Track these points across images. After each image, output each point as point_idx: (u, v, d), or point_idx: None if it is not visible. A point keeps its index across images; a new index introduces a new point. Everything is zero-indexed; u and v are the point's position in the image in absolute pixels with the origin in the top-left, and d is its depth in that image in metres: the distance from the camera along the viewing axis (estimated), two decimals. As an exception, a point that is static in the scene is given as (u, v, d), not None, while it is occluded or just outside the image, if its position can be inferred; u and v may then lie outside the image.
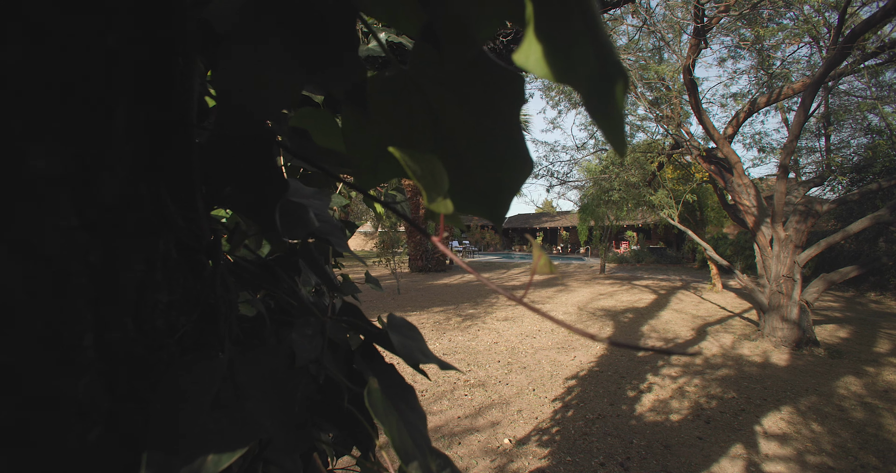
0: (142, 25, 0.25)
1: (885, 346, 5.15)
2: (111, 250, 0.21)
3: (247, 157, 0.26)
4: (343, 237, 0.39)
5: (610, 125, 0.18)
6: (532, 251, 0.20)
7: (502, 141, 0.27)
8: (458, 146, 0.29)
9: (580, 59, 0.18)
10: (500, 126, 0.26)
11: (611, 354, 4.76)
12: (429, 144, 0.30)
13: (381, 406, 0.25)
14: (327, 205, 0.43)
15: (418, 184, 0.20)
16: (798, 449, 2.68)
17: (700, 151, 6.31)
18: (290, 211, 0.31)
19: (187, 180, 0.28)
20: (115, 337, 0.22)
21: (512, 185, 0.28)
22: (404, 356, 0.31)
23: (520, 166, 0.27)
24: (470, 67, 0.24)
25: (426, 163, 0.21)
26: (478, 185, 0.30)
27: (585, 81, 0.18)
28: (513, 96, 0.24)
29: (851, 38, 4.01)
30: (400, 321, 0.35)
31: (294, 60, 0.27)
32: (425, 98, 0.28)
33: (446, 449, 2.63)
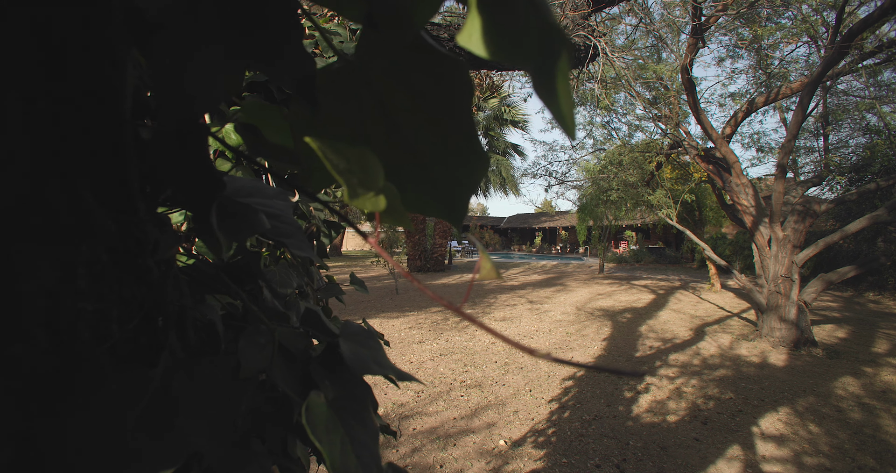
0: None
1: (883, 346, 5.13)
2: (5, 256, 0.19)
3: (180, 154, 0.25)
4: (303, 240, 0.37)
5: (557, 104, 0.16)
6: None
7: (456, 136, 0.25)
8: (412, 142, 0.27)
9: (525, 37, 0.16)
10: (453, 119, 0.24)
11: (609, 354, 4.75)
12: (382, 140, 0.28)
13: (322, 423, 0.24)
14: (290, 206, 0.41)
15: (339, 178, 0.18)
16: (795, 450, 2.66)
17: (698, 150, 6.30)
18: (235, 212, 0.29)
19: (121, 179, 0.27)
20: (19, 351, 0.20)
21: (469, 182, 0.26)
22: (355, 366, 0.29)
23: (475, 162, 0.25)
24: (411, 52, 0.22)
25: (355, 156, 0.19)
26: (434, 183, 0.28)
27: (532, 60, 0.16)
28: (460, 85, 0.22)
29: (849, 37, 4.00)
30: (356, 329, 0.33)
31: (231, 48, 0.25)
32: (375, 90, 0.26)
33: (441, 451, 2.61)
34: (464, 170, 0.26)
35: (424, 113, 0.25)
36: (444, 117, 0.24)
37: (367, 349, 0.31)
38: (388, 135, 0.28)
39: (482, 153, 0.25)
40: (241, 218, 0.30)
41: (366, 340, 0.32)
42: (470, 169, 0.25)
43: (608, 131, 8.64)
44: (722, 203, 6.63)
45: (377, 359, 0.30)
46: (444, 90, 0.23)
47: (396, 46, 0.22)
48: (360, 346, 0.31)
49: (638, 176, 8.46)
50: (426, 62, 0.23)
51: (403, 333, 5.67)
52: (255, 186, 0.39)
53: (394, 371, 0.30)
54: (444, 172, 0.27)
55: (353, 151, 0.20)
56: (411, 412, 3.19)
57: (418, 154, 0.27)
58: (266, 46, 0.25)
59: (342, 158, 0.19)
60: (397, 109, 0.26)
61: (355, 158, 0.19)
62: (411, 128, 0.26)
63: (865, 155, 7.82)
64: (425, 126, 0.26)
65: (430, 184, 0.28)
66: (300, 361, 0.33)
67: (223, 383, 0.28)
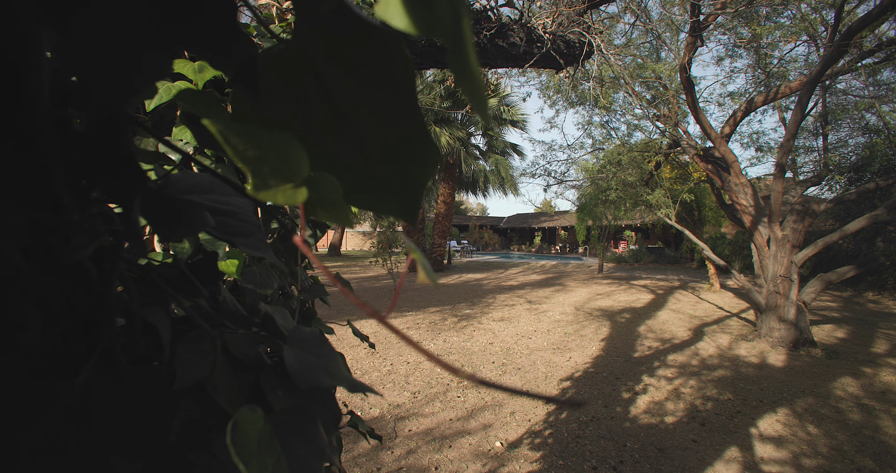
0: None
1: (883, 346, 5.11)
2: None
3: (96, 144, 0.22)
4: (260, 240, 0.34)
5: (472, 78, 0.14)
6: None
7: (403, 124, 0.22)
8: (360, 132, 0.24)
9: (438, 5, 0.14)
10: (398, 106, 0.22)
11: (607, 355, 4.72)
12: (329, 130, 0.25)
13: (252, 443, 0.21)
14: (251, 204, 0.38)
15: (243, 167, 0.16)
16: (794, 452, 2.64)
17: (697, 150, 6.28)
18: (172, 209, 0.27)
19: (37, 174, 0.24)
20: None
21: (420, 176, 0.24)
22: (299, 377, 0.26)
23: (425, 154, 0.23)
24: (340, 23, 0.19)
25: (271, 143, 0.17)
26: (386, 178, 0.25)
27: (447, 30, 0.14)
28: (396, 61, 0.20)
29: (848, 36, 3.98)
30: (307, 335, 0.30)
31: (157, 27, 0.22)
32: (318, 75, 0.24)
33: (436, 453, 2.59)
34: (415, 164, 0.23)
35: (367, 98, 0.23)
36: (391, 104, 0.22)
37: (317, 357, 0.28)
38: (334, 125, 0.25)
39: (432, 145, 0.22)
40: (178, 215, 0.27)
41: (317, 347, 0.30)
42: (421, 162, 0.23)
43: (607, 131, 8.62)
44: (721, 203, 6.61)
45: (328, 368, 0.28)
46: (380, 68, 0.21)
47: (328, 22, 0.20)
48: (309, 354, 0.28)
49: (637, 176, 8.43)
50: (358, 37, 0.20)
51: (401, 333, 5.64)
52: (213, 182, 0.36)
53: (346, 382, 0.28)
54: (396, 166, 0.24)
55: (268, 136, 0.17)
56: (407, 413, 3.16)
57: (366, 145, 0.25)
58: (196, 25, 0.23)
59: (252, 144, 0.17)
60: (342, 96, 0.24)
61: (270, 145, 0.17)
62: (357, 116, 0.24)
63: (865, 154, 7.80)
64: (370, 114, 0.23)
65: (381, 179, 0.25)
66: (254, 370, 0.31)
67: (156, 395, 0.26)
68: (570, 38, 1.70)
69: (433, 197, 19.63)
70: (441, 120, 12.91)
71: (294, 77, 0.25)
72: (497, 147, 15.42)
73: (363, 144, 0.24)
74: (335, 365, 0.29)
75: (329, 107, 0.24)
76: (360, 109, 0.23)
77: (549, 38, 1.54)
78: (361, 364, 4.30)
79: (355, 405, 3.30)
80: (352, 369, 4.15)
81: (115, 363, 0.30)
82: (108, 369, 0.25)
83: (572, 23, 1.73)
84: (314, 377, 0.27)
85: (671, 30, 6.38)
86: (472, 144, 15.19)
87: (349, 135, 0.25)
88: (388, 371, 4.09)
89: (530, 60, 1.48)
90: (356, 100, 0.23)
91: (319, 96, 0.24)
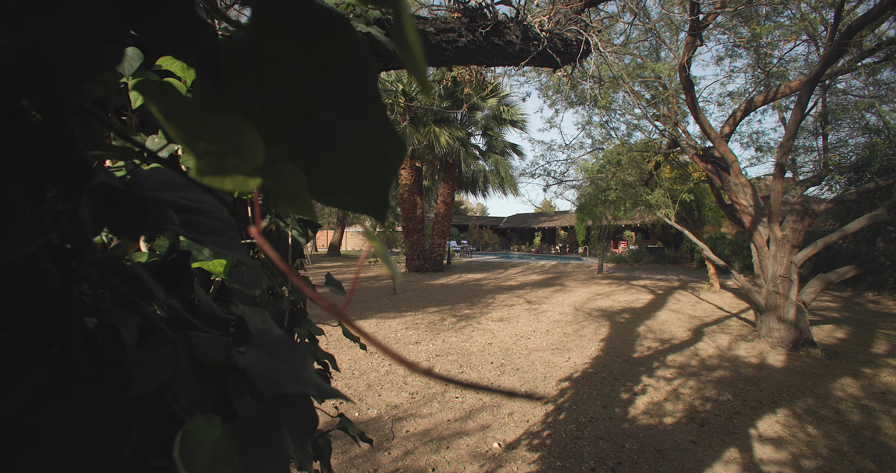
0: None
1: (883, 347, 5.10)
2: None
3: (42, 139, 0.21)
4: (232, 239, 0.33)
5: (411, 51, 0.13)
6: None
7: (366, 117, 0.21)
8: (325, 125, 0.23)
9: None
10: (361, 97, 0.21)
11: (606, 355, 4.71)
12: (295, 123, 0.24)
13: (205, 456, 0.20)
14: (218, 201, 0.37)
15: (186, 149, 0.15)
16: (793, 453, 2.62)
17: (697, 150, 6.26)
18: (131, 206, 0.25)
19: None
20: None
21: (386, 170, 0.22)
22: (263, 383, 0.25)
23: (390, 148, 0.21)
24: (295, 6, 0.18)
25: (219, 125, 0.16)
26: (354, 173, 0.24)
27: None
28: (358, 51, 0.19)
29: (848, 35, 3.96)
30: (275, 338, 0.29)
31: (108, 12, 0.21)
32: (281, 63, 0.22)
33: (433, 454, 2.57)
34: (380, 158, 0.22)
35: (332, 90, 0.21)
36: (354, 95, 0.21)
37: (284, 361, 0.27)
38: (300, 118, 0.24)
39: (397, 137, 0.21)
40: (136, 213, 0.26)
41: (285, 351, 0.28)
42: (385, 156, 0.22)
43: (606, 131, 8.60)
44: (721, 203, 6.60)
45: (295, 373, 0.26)
46: (346, 60, 0.19)
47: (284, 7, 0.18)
48: (275, 358, 0.27)
49: (636, 176, 8.42)
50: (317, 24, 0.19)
51: (400, 333, 5.63)
52: (185, 180, 0.35)
53: (315, 388, 0.26)
54: (363, 161, 0.23)
55: (218, 120, 0.16)
56: (405, 413, 3.15)
57: (332, 139, 0.23)
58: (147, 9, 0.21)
59: (199, 126, 0.15)
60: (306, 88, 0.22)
61: (219, 128, 0.16)
62: (324, 111, 0.22)
63: (865, 154, 7.79)
64: (336, 107, 0.22)
65: (346, 174, 0.24)
66: (222, 375, 0.29)
67: (113, 403, 0.24)
68: (567, 37, 1.68)
69: (433, 197, 19.61)
70: (440, 120, 12.90)
71: (259, 67, 0.23)
72: (497, 147, 15.41)
73: (329, 139, 0.23)
74: (304, 370, 0.27)
75: (297, 103, 0.23)
76: (327, 105, 0.22)
77: (545, 36, 1.53)
78: (360, 365, 4.28)
79: (352, 405, 3.28)
80: (350, 369, 4.13)
81: (76, 368, 0.29)
82: (65, 374, 0.24)
83: (569, 21, 1.71)
84: (279, 383, 0.25)
85: (671, 29, 6.37)
86: (471, 144, 15.17)
87: (316, 130, 0.23)
88: (386, 372, 4.08)
89: (526, 58, 1.46)
90: (322, 96, 0.21)
91: (285, 91, 0.23)
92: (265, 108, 0.24)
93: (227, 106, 0.25)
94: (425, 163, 14.30)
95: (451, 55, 1.38)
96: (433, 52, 1.35)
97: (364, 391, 3.59)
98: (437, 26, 1.37)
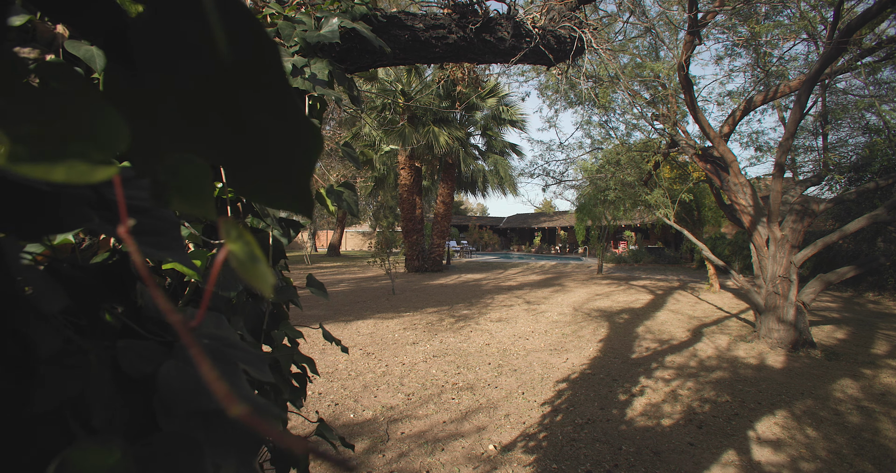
0: None
1: (883, 347, 5.07)
2: None
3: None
4: (175, 239, 0.30)
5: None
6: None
7: (279, 108, 0.19)
8: (242, 117, 0.20)
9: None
10: (270, 85, 0.18)
11: (604, 356, 4.68)
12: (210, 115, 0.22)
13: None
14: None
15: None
16: (792, 456, 2.60)
17: (696, 149, 6.23)
18: (33, 203, 0.23)
19: None
20: None
21: (306, 162, 0.20)
22: (172, 397, 0.22)
23: (306, 139, 0.19)
24: None
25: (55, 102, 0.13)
26: (273, 165, 0.21)
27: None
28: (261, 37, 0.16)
29: (847, 33, 3.94)
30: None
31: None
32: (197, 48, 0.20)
33: (428, 456, 2.55)
34: (298, 148, 0.20)
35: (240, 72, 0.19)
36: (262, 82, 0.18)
37: (208, 375, 0.25)
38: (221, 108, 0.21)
39: (313, 127, 0.19)
40: (46, 212, 0.23)
41: (213, 361, 0.26)
42: (303, 146, 0.19)
43: (605, 130, 8.57)
44: (720, 203, 6.57)
45: (219, 388, 0.24)
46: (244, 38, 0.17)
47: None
48: (196, 369, 0.25)
49: (636, 176, 8.38)
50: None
51: (397, 334, 5.61)
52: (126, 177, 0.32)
53: (249, 402, 0.24)
54: (281, 153, 0.20)
55: (56, 95, 0.13)
56: (401, 415, 3.12)
57: (250, 129, 0.21)
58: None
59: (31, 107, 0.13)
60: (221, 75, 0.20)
61: (55, 105, 0.13)
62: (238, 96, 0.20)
63: (865, 154, 7.76)
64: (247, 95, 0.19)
65: (268, 170, 0.21)
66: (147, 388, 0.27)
67: (11, 420, 0.22)
68: (561, 34, 1.65)
69: (432, 197, 19.58)
70: (439, 120, 12.87)
71: (176, 49, 0.21)
72: (496, 147, 15.38)
73: (247, 129, 0.21)
74: (232, 382, 0.25)
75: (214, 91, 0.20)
76: (242, 95, 0.19)
77: (538, 32, 1.50)
78: (356, 366, 4.26)
79: (348, 406, 3.26)
80: (347, 370, 4.11)
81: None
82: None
83: (563, 18, 1.69)
84: (193, 398, 0.23)
85: (670, 28, 6.34)
86: (471, 144, 15.15)
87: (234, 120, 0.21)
88: (382, 373, 4.05)
89: (518, 54, 1.43)
90: (235, 78, 0.19)
91: (202, 78, 0.21)
92: (177, 98, 0.22)
93: (140, 97, 0.23)
94: (424, 163, 14.27)
95: (440, 52, 1.35)
96: (422, 48, 1.32)
97: (360, 392, 3.57)
98: (427, 23, 1.34)
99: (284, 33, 1.06)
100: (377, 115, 12.81)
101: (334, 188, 0.93)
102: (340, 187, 0.95)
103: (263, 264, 0.13)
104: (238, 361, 0.34)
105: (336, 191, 0.94)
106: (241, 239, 0.13)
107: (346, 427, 2.94)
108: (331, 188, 0.93)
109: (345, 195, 0.94)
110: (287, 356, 0.79)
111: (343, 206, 0.91)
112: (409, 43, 1.30)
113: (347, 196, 0.94)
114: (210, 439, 0.25)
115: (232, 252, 0.12)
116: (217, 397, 0.17)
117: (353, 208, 0.91)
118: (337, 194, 0.94)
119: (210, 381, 0.11)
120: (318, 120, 1.15)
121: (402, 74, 12.42)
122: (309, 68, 1.02)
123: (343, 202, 0.93)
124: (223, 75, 0.20)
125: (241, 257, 0.12)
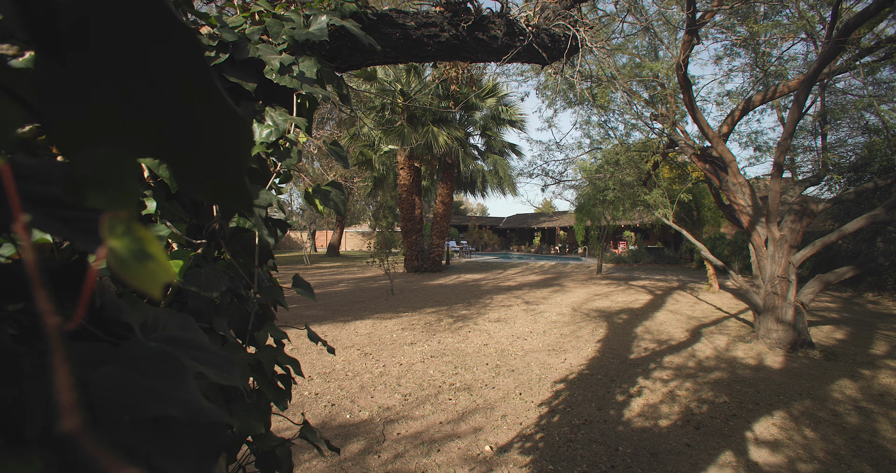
0: None
1: (882, 348, 5.05)
2: None
3: None
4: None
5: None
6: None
7: (205, 96, 0.17)
8: (170, 109, 0.19)
9: None
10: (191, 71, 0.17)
11: (602, 356, 4.67)
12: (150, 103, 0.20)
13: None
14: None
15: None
16: (790, 457, 2.58)
17: (695, 149, 6.22)
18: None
19: None
20: None
21: (239, 154, 0.19)
22: (108, 405, 0.21)
23: (236, 132, 0.18)
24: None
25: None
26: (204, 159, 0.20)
27: None
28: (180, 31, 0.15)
29: (845, 32, 3.92)
30: (142, 351, 0.24)
31: None
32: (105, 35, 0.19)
33: (424, 457, 2.53)
34: (226, 141, 0.18)
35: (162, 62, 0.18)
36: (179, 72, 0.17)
37: (149, 377, 0.23)
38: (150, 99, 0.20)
39: (241, 120, 0.17)
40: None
41: (156, 365, 0.24)
42: (232, 140, 0.18)
43: (605, 130, 8.56)
44: (719, 203, 6.55)
45: (160, 391, 0.22)
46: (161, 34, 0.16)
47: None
48: (138, 374, 0.23)
49: (635, 176, 8.36)
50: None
51: (396, 334, 5.60)
52: (66, 172, 0.31)
53: (184, 408, 0.22)
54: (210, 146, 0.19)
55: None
56: (397, 416, 3.11)
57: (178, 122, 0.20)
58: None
59: None
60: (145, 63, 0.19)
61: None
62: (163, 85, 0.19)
63: (864, 154, 7.75)
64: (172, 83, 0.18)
65: (203, 163, 0.20)
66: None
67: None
68: (555, 32, 1.64)
69: (432, 197, 19.56)
70: (439, 120, 12.86)
71: (104, 40, 0.19)
72: (495, 147, 15.37)
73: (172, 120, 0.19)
74: (175, 386, 0.24)
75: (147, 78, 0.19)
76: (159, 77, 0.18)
77: (531, 31, 1.49)
78: (354, 366, 4.24)
79: (344, 407, 3.25)
80: (344, 371, 4.09)
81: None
82: None
83: (558, 16, 1.67)
84: (141, 405, 0.21)
85: (668, 28, 6.33)
86: (470, 144, 15.13)
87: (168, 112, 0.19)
88: (379, 373, 4.04)
89: (511, 53, 1.42)
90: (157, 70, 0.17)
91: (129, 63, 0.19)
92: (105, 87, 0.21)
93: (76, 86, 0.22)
94: (424, 163, 14.26)
95: (432, 50, 1.34)
96: (414, 47, 1.31)
97: (357, 392, 3.56)
98: (419, 20, 1.33)
99: (272, 31, 1.05)
100: (376, 115, 12.80)
101: (321, 188, 0.92)
102: (328, 187, 0.94)
103: (155, 263, 0.12)
104: (200, 364, 0.33)
105: (323, 190, 0.93)
106: (129, 235, 0.11)
107: (342, 427, 2.92)
108: (318, 188, 0.91)
109: (332, 194, 0.93)
110: (270, 358, 0.78)
111: (330, 205, 0.90)
112: (401, 41, 1.29)
113: (335, 195, 0.93)
114: (160, 446, 0.24)
115: (112, 250, 0.11)
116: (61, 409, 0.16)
117: (340, 208, 0.90)
118: (324, 193, 0.93)
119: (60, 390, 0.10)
120: (308, 119, 1.14)
121: (402, 74, 12.41)
122: (297, 66, 1.00)
123: (330, 201, 0.91)
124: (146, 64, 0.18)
125: (123, 255, 0.11)
